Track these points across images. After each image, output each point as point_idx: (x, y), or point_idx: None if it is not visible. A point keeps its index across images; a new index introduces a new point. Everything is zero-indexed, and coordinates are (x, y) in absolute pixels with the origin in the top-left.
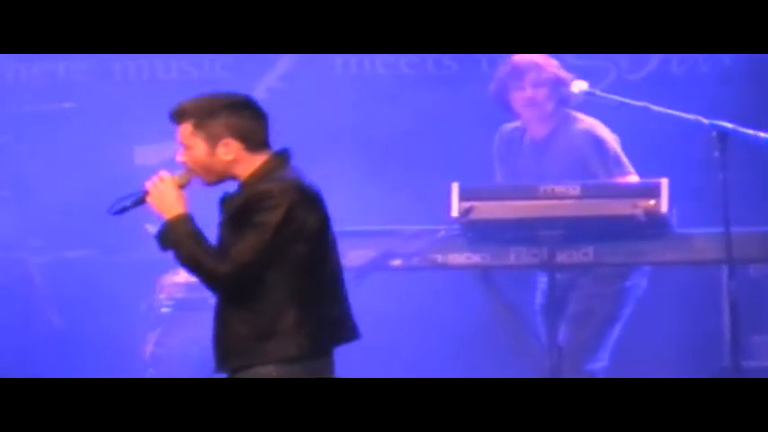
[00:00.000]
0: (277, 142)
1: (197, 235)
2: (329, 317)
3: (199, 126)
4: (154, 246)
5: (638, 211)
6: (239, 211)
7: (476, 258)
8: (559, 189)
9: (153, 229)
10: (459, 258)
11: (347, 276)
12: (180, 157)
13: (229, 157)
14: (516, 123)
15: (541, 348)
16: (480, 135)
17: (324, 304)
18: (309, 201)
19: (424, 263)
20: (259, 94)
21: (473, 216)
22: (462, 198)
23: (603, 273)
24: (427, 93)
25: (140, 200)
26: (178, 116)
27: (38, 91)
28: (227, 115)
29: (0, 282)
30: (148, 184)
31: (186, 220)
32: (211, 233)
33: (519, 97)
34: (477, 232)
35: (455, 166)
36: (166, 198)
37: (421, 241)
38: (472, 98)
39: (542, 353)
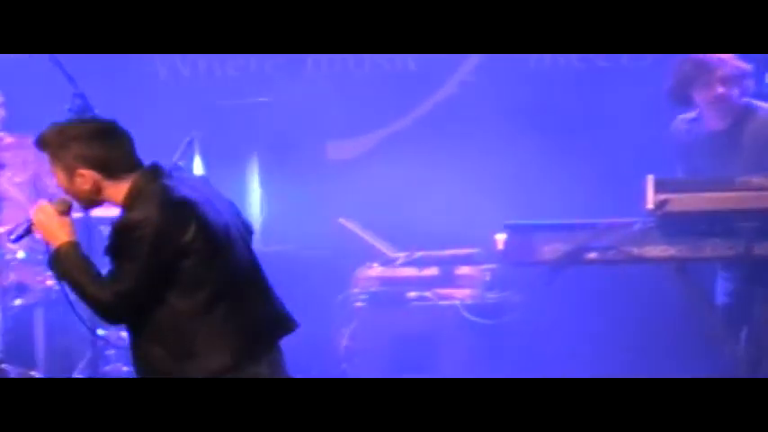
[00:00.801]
0: (468, 135)
1: (82, 263)
2: (250, 322)
3: (54, 156)
4: (350, 239)
5: None
6: (111, 241)
7: (671, 251)
8: (756, 181)
9: (347, 223)
10: (654, 251)
11: (540, 270)
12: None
13: (87, 187)
14: (692, 114)
15: (737, 344)
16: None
17: (239, 311)
18: (180, 215)
19: (619, 256)
20: (451, 87)
21: (668, 208)
22: (657, 190)
23: None
24: (622, 84)
25: (28, 230)
26: (39, 146)
27: (232, 85)
28: (77, 147)
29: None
30: (32, 215)
31: (70, 249)
32: None
33: (707, 94)
34: (673, 224)
35: (649, 158)
36: (48, 228)
37: (616, 234)
38: None
39: (738, 348)
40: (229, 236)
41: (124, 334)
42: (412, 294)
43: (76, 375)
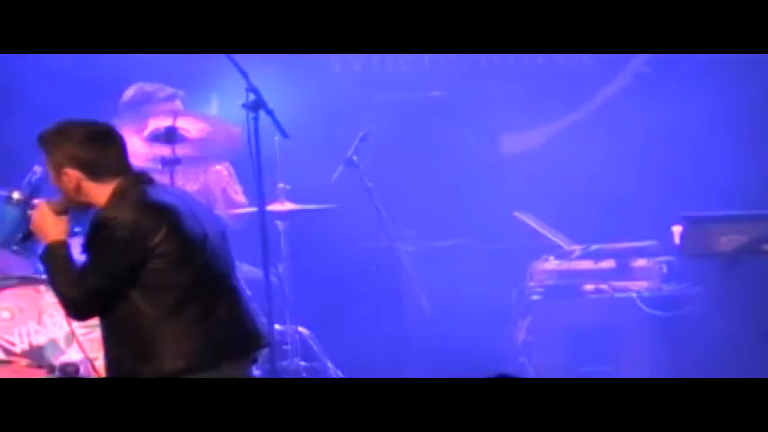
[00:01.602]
0: (643, 126)
1: (62, 261)
2: (212, 330)
3: (48, 154)
4: (525, 233)
5: None
6: (86, 238)
7: None
8: None
9: (523, 216)
10: None
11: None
12: None
13: (71, 186)
14: None
15: None
16: None
17: (204, 318)
18: (151, 218)
19: None
20: (625, 78)
21: None
22: None
23: None
24: None
25: (30, 232)
26: (38, 142)
27: (403, 80)
28: (68, 147)
29: (376, 269)
30: (32, 214)
31: (56, 247)
32: None
33: None
34: None
35: None
36: (43, 226)
37: None
38: None
39: None
40: (204, 246)
41: (302, 328)
42: (588, 287)
43: (254, 371)
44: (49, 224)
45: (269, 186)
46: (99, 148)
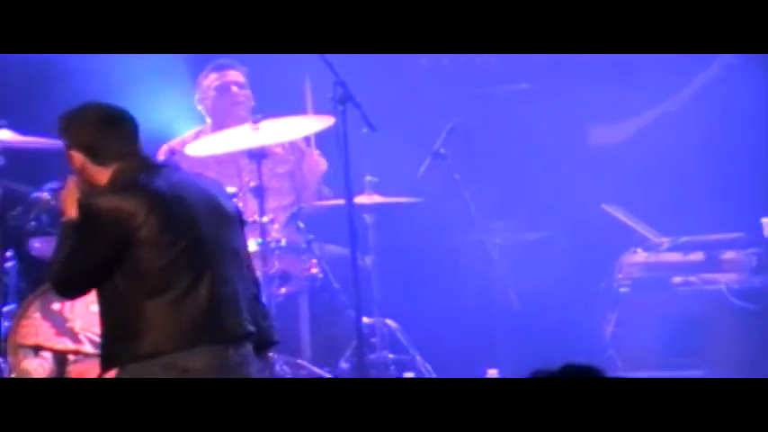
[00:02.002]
0: (731, 118)
1: (64, 239)
2: (189, 315)
3: (61, 135)
4: (613, 225)
5: None
6: (77, 223)
7: None
8: None
9: (611, 208)
10: None
11: None
12: None
13: (77, 167)
14: None
15: None
16: None
17: (181, 303)
18: (136, 206)
19: None
20: (715, 70)
21: None
22: None
23: None
24: None
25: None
26: (57, 124)
27: (492, 73)
28: (76, 129)
29: (464, 262)
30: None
31: (66, 224)
32: None
33: None
34: None
35: None
36: (64, 201)
37: None
38: None
39: None
40: (190, 233)
41: (389, 321)
42: (677, 279)
43: (343, 364)
44: (69, 201)
45: (356, 179)
46: (102, 132)
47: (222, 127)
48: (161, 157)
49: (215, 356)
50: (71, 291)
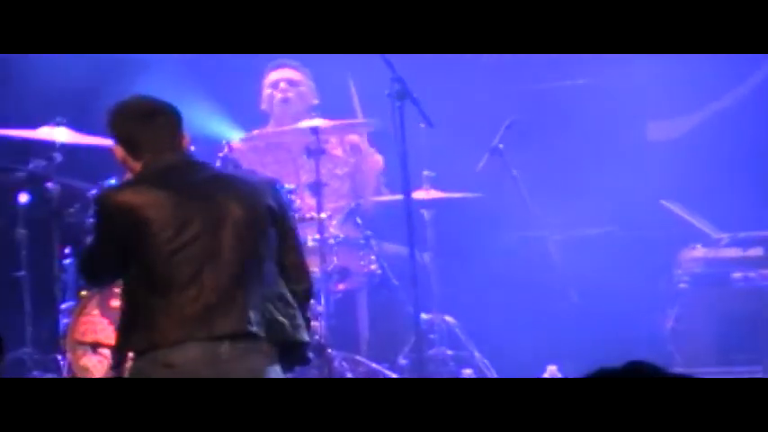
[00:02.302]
0: None
1: None
2: (182, 310)
3: (107, 128)
4: (672, 221)
5: None
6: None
7: None
8: None
9: (669, 204)
10: None
11: None
12: None
13: (119, 160)
14: None
15: None
16: None
17: (176, 298)
18: (138, 201)
19: None
20: None
21: None
22: None
23: None
24: None
25: None
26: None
27: (549, 68)
28: (117, 123)
29: (522, 258)
30: None
31: None
32: None
33: None
34: None
35: None
36: None
37: None
38: None
39: None
40: (193, 230)
41: (448, 317)
42: (736, 275)
43: (401, 360)
44: None
45: (414, 174)
46: (138, 126)
47: (280, 125)
48: (220, 154)
49: (203, 353)
50: (90, 279)
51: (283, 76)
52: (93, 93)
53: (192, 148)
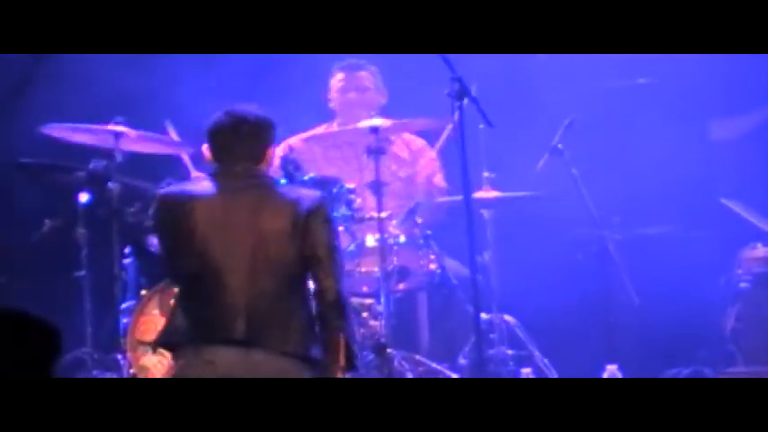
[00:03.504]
0: None
1: None
2: (195, 314)
3: None
4: (733, 220)
5: None
6: None
7: None
8: None
9: (730, 203)
10: None
11: None
12: None
13: (205, 160)
14: None
15: None
16: None
17: (192, 302)
18: (174, 207)
19: None
20: None
21: None
22: None
23: None
24: None
25: None
26: None
27: (610, 67)
28: (207, 124)
29: (582, 257)
30: None
31: None
32: None
33: None
34: None
35: None
36: None
37: None
38: None
39: None
40: (218, 237)
41: (508, 317)
42: None
43: (461, 360)
44: None
45: (474, 174)
46: (214, 133)
47: (347, 124)
48: (279, 152)
49: (218, 354)
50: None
51: (352, 76)
52: (151, 93)
53: None
